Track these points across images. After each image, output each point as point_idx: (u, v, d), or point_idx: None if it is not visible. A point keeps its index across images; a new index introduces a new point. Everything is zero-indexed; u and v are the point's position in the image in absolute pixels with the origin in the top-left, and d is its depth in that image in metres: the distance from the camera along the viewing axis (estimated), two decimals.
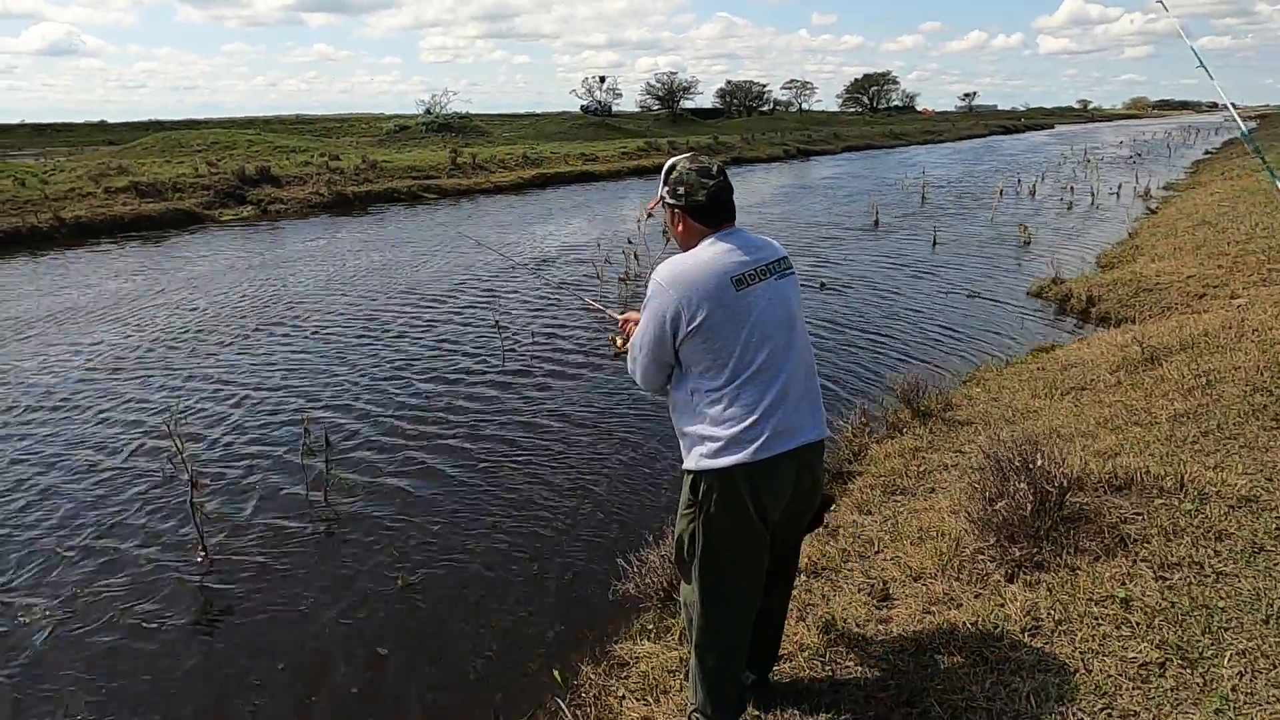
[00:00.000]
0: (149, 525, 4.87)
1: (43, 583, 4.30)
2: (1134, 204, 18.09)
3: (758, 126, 64.48)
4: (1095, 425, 4.59)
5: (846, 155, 45.01)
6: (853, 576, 3.47)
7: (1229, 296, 7.95)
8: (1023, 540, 3.25)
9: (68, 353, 8.43)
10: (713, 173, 2.34)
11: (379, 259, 13.87)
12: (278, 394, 7.07)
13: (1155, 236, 12.40)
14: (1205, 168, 25.45)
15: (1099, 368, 5.75)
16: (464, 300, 10.60)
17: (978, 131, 71.83)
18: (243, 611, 4.05)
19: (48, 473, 5.57)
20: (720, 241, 2.31)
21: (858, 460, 4.97)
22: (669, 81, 79.83)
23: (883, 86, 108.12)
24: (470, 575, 4.32)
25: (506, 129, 53.34)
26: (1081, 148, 40.12)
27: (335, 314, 9.95)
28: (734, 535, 2.31)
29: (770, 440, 2.24)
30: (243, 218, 19.83)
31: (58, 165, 26.35)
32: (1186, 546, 3.05)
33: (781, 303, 2.32)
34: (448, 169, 27.44)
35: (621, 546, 4.19)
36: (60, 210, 17.56)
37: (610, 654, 3.40)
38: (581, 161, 32.29)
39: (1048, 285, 9.99)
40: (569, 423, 6.30)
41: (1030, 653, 2.69)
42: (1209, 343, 5.57)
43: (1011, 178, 26.00)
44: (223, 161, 24.60)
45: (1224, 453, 3.79)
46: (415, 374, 7.55)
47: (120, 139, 47.36)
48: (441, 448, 5.88)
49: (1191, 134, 50.60)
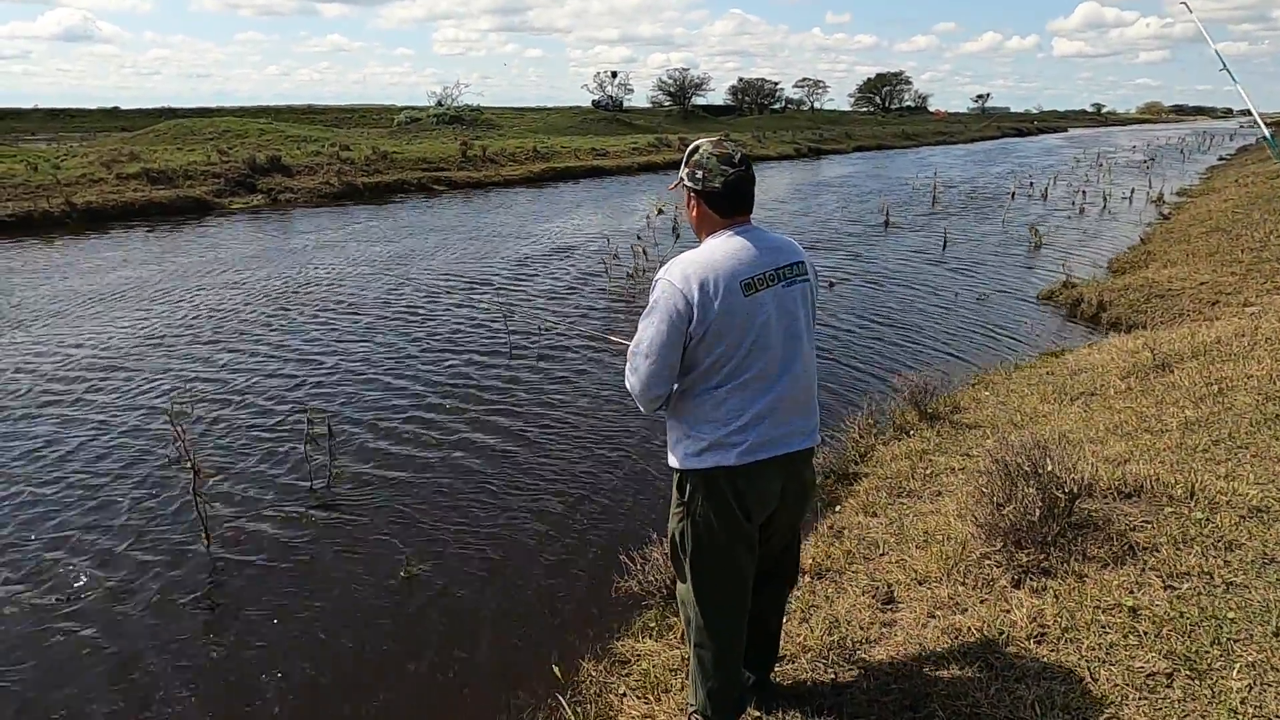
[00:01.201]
0: (152, 513, 4.87)
1: (44, 570, 4.31)
2: (1147, 209, 17.98)
3: (769, 124, 64.31)
4: (1105, 431, 4.55)
5: (858, 155, 44.87)
6: (857, 579, 3.44)
7: (1242, 304, 7.89)
8: (1030, 546, 3.22)
9: (72, 341, 8.45)
10: (734, 161, 2.27)
11: (387, 250, 13.87)
12: (282, 383, 7.07)
13: (1168, 242, 12.31)
14: (1219, 173, 25.26)
15: (1109, 373, 5.70)
16: (471, 292, 10.59)
17: (990, 133, 71.50)
18: (244, 602, 4.05)
19: (52, 461, 5.58)
20: (734, 239, 2.26)
21: (864, 461, 4.94)
22: (681, 78, 79.68)
23: (895, 87, 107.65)
24: (472, 569, 4.31)
25: (517, 123, 53.33)
26: (1095, 151, 39.90)
27: (342, 304, 9.95)
28: (722, 534, 2.30)
29: (755, 447, 2.22)
30: (252, 206, 19.87)
31: (70, 150, 26.46)
32: (1196, 556, 3.01)
33: (788, 311, 2.27)
34: (458, 161, 27.46)
35: (624, 543, 4.17)
36: (72, 195, 17.62)
37: (611, 651, 3.38)
38: (592, 156, 32.25)
39: (1058, 289, 9.94)
40: (573, 418, 6.29)
41: (1036, 660, 2.66)
42: (1221, 350, 5.52)
43: (1024, 180, 25.88)
44: (234, 150, 24.63)
45: (1235, 462, 3.75)
46: (421, 366, 7.54)
47: (133, 125, 47.51)
48: (445, 441, 5.87)
49: (1206, 139, 50.26)
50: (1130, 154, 39.51)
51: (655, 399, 2.30)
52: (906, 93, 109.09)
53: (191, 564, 4.36)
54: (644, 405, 2.33)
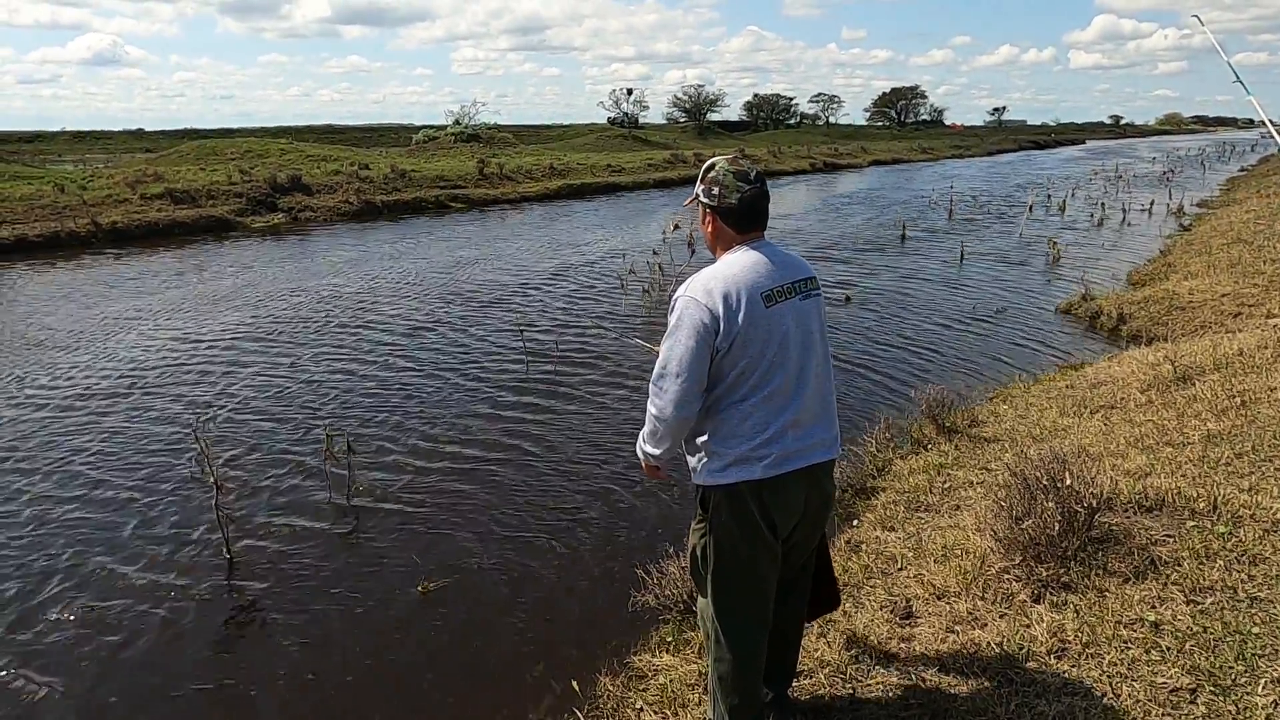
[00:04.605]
0: (174, 528, 4.93)
1: (68, 583, 4.37)
2: (1166, 221, 17.83)
3: (784, 139, 64.42)
4: (1125, 445, 4.51)
5: (874, 169, 44.83)
6: (875, 593, 3.43)
7: (1265, 316, 7.80)
8: (1050, 560, 3.19)
9: (93, 360, 8.58)
10: (750, 178, 2.31)
11: (405, 267, 14.00)
12: (303, 399, 7.14)
13: (1188, 254, 12.20)
14: (1240, 185, 25.02)
15: (1129, 386, 5.65)
16: (489, 311, 10.66)
17: (1007, 146, 71.25)
18: (263, 617, 4.09)
19: (77, 477, 5.67)
20: (750, 254, 2.28)
21: (882, 475, 4.92)
22: (696, 94, 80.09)
23: (911, 100, 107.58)
24: (489, 584, 4.32)
25: (534, 140, 53.73)
26: (1113, 163, 39.65)
27: (360, 321, 10.05)
28: (745, 549, 2.30)
29: (779, 460, 2.23)
30: (273, 225, 20.12)
31: (96, 172, 26.92)
32: (1219, 570, 2.98)
33: (805, 324, 2.29)
34: (475, 179, 27.69)
35: (641, 557, 4.17)
36: (97, 215, 17.93)
37: (629, 666, 3.38)
38: (608, 173, 32.43)
39: (1077, 302, 9.87)
40: (591, 433, 6.30)
41: (1056, 675, 2.64)
42: (1244, 363, 5.46)
43: (1041, 193, 25.75)
44: (255, 169, 24.96)
45: (1259, 475, 3.71)
46: (439, 382, 7.60)
47: (156, 146, 48.35)
48: (463, 456, 5.91)
49: (1226, 150, 49.81)
50: (1150, 165, 39.22)
51: (685, 421, 2.25)
52: (922, 106, 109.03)
53: (212, 577, 4.40)
54: (673, 431, 2.28)
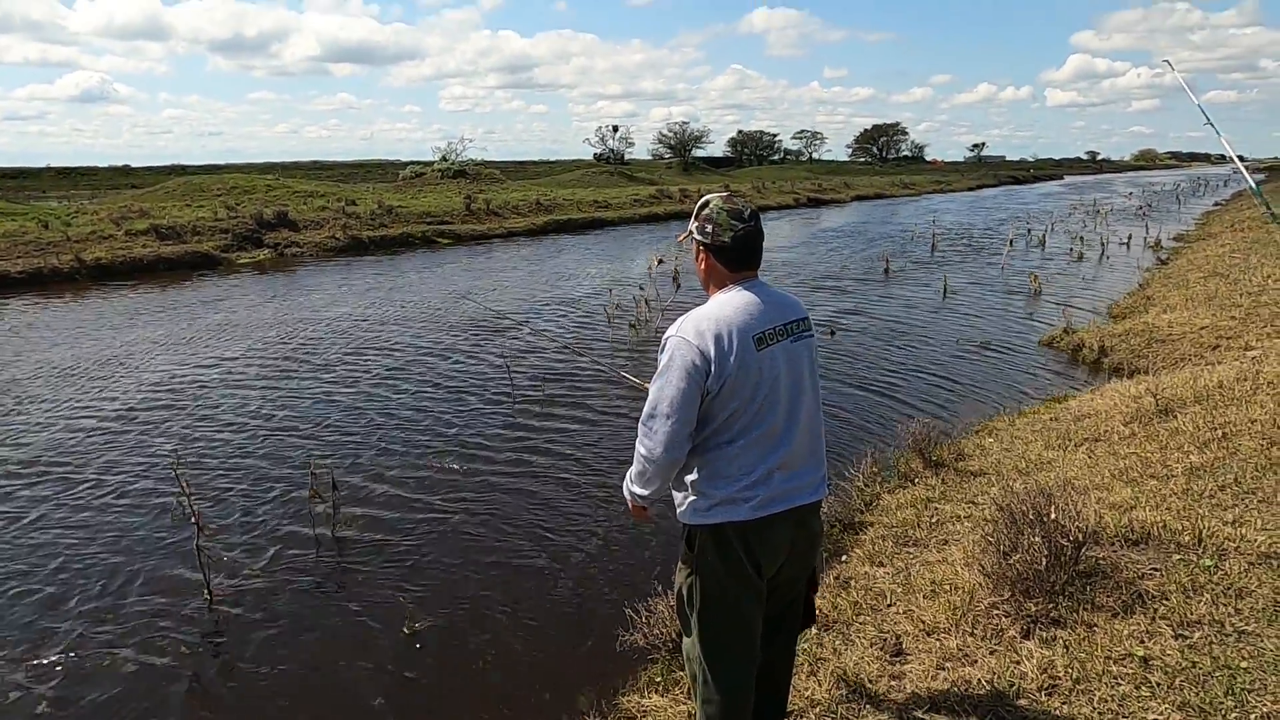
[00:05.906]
0: (154, 567, 4.85)
1: (47, 627, 4.27)
2: (1144, 254, 18.11)
3: (768, 175, 65.26)
4: (1110, 477, 4.53)
5: (857, 204, 45.41)
6: (864, 630, 3.41)
7: (1243, 348, 7.91)
8: (1038, 595, 3.19)
9: (80, 395, 8.49)
10: (744, 216, 2.31)
11: (391, 302, 13.99)
12: (286, 435, 7.08)
13: (1167, 287, 12.39)
14: (1215, 219, 25.50)
15: (1113, 419, 5.70)
16: (475, 345, 10.65)
17: (987, 181, 72.48)
18: (246, 658, 4.01)
19: (54, 517, 5.57)
20: (742, 294, 2.29)
21: (869, 510, 4.92)
22: (681, 130, 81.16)
23: (892, 137, 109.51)
24: (475, 623, 4.26)
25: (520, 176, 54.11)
26: (1091, 198, 40.33)
27: (345, 356, 10.00)
28: (731, 589, 2.29)
29: (766, 502, 2.23)
30: (259, 261, 20.09)
31: (81, 208, 26.85)
32: (1206, 604, 2.98)
33: (796, 366, 2.30)
34: (462, 214, 27.80)
35: (629, 596, 4.13)
36: (81, 252, 17.84)
37: (618, 707, 3.33)
38: (594, 208, 32.67)
39: (1059, 335, 9.97)
40: (577, 470, 6.27)
41: (1047, 712, 2.63)
42: (1224, 395, 5.52)
43: (1022, 226, 26.13)
44: (241, 205, 24.97)
45: (1242, 508, 3.74)
46: (425, 417, 7.55)
47: (143, 183, 48.36)
48: (448, 494, 5.86)
49: (1200, 185, 50.84)
50: (1126, 200, 39.93)
51: (674, 462, 2.24)
52: (903, 143, 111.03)
53: (192, 616, 4.32)
54: (662, 472, 2.27)
